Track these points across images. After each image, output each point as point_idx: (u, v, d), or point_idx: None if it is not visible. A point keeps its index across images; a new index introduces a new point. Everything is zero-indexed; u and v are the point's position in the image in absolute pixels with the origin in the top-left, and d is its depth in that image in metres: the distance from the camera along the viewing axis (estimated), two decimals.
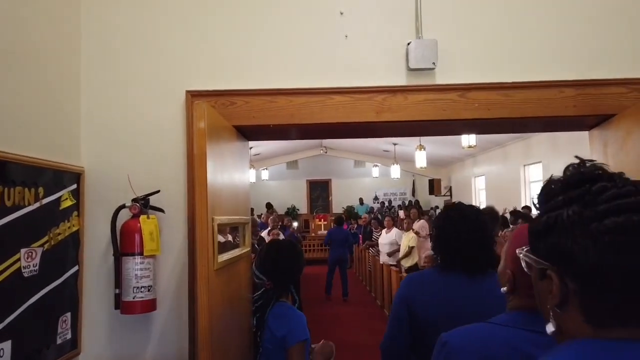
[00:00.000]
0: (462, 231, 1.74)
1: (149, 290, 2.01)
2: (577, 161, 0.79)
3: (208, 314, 1.60)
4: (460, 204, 1.93)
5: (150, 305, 2.02)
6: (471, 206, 1.90)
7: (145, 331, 2.11)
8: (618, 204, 0.68)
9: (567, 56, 2.18)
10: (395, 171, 13.78)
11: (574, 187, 0.74)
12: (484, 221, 1.79)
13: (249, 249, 2.29)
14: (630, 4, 2.18)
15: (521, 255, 0.80)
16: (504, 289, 1.14)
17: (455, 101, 2.17)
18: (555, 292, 0.73)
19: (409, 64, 2.17)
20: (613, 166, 2.19)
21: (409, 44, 2.18)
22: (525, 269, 0.81)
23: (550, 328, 0.76)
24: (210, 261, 1.65)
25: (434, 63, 2.15)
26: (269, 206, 14.72)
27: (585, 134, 2.43)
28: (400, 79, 2.20)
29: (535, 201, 0.80)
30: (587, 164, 0.77)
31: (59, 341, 1.90)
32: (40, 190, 1.81)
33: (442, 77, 2.19)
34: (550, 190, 0.77)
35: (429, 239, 6.52)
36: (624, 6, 2.19)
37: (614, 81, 2.13)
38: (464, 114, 2.17)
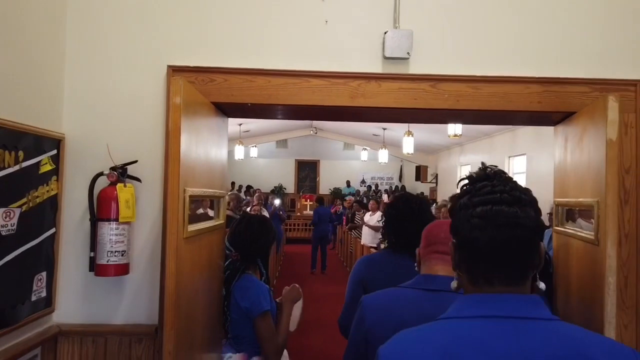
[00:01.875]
0: (406, 219, 2.01)
1: (122, 255, 2.10)
2: (489, 166, 1.02)
3: (175, 280, 1.71)
4: (405, 194, 2.26)
5: (123, 269, 2.12)
6: (416, 196, 2.21)
7: (117, 293, 2.22)
8: (486, 198, 0.93)
9: (535, 54, 2.27)
10: (384, 155, 13.88)
11: (470, 183, 1.00)
12: (425, 210, 2.06)
13: (222, 221, 2.38)
14: (595, 7, 2.28)
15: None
16: (415, 265, 1.50)
17: (427, 91, 2.26)
18: (454, 258, 1.00)
19: (385, 52, 2.25)
20: (571, 161, 2.32)
21: (385, 33, 2.26)
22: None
23: (453, 285, 1.04)
24: (180, 230, 1.75)
25: (408, 53, 2.24)
26: (248, 188, 14.72)
27: None
28: (375, 67, 2.29)
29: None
30: (488, 168, 1.00)
31: (33, 298, 2.00)
32: (21, 153, 1.88)
33: (415, 67, 2.28)
34: (459, 184, 1.03)
35: None
36: (589, 9, 2.28)
37: (577, 80, 2.24)
38: (434, 103, 2.27)
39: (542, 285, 1.00)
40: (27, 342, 1.96)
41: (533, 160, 9.46)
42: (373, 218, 8.52)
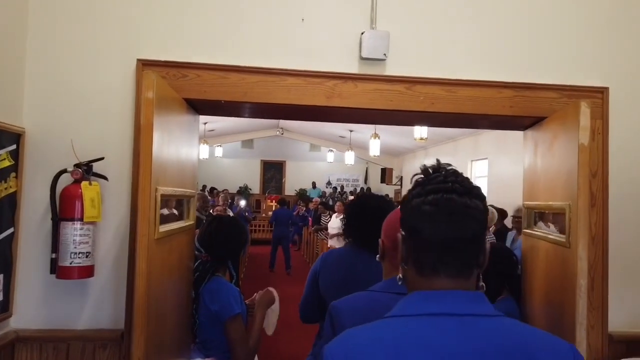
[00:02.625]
0: (365, 218, 2.06)
1: (86, 257, 2.00)
2: (442, 164, 1.03)
3: (146, 282, 1.63)
4: (365, 194, 2.30)
5: (87, 272, 2.01)
6: (374, 196, 2.32)
7: (80, 297, 2.11)
8: (438, 186, 0.94)
9: (507, 59, 2.31)
10: (350, 157, 13.96)
11: (423, 175, 1.00)
12: (383, 209, 2.04)
13: (192, 222, 2.31)
14: (566, 15, 2.34)
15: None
16: (378, 256, 1.44)
17: (402, 93, 2.26)
18: (401, 250, 0.99)
19: (362, 53, 2.24)
20: (541, 165, 2.37)
21: (362, 33, 2.24)
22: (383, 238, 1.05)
23: (398, 278, 1.06)
24: (152, 230, 1.68)
25: (384, 54, 2.23)
26: (212, 190, 14.48)
27: None
28: (352, 67, 2.27)
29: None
30: (441, 163, 1.02)
31: None
32: None
33: (391, 69, 2.28)
34: (416, 179, 1.03)
35: None
36: (561, 16, 2.34)
37: (547, 86, 2.29)
38: (409, 105, 2.27)
39: (481, 284, 1.01)
40: None
41: (494, 165, 9.71)
42: (339, 220, 8.55)
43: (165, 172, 1.85)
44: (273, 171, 18.53)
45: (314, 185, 18.01)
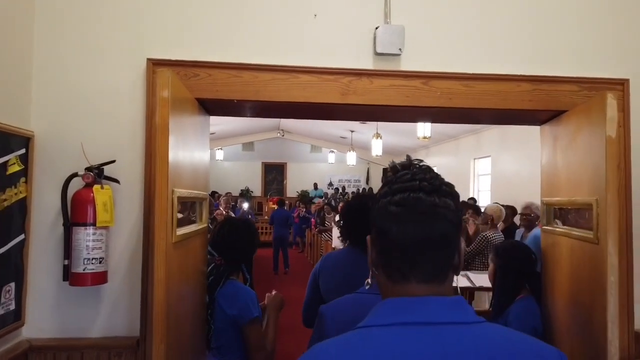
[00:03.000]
0: (360, 218, 1.96)
1: (100, 262, 1.94)
2: (415, 160, 0.97)
3: (165, 287, 1.57)
4: (358, 195, 2.30)
5: (101, 278, 1.95)
6: (369, 196, 2.41)
7: (94, 304, 2.05)
8: (405, 185, 0.87)
9: (525, 52, 2.26)
10: (351, 158, 13.92)
11: (393, 172, 0.94)
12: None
13: (205, 225, 2.25)
14: (584, 6, 2.28)
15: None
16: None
17: (419, 88, 2.21)
18: (370, 254, 0.94)
19: (376, 48, 2.18)
20: (562, 160, 2.31)
21: (377, 28, 2.19)
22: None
23: (368, 282, 1.04)
24: (169, 234, 1.62)
25: (400, 49, 2.18)
26: (213, 193, 14.40)
27: (530, 132, 2.55)
28: (366, 63, 2.21)
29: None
30: (413, 160, 0.95)
31: (1, 312, 1.81)
32: None
33: (407, 64, 2.22)
34: (387, 177, 0.96)
35: None
36: (578, 8, 2.29)
37: (567, 79, 2.23)
38: (426, 101, 2.21)
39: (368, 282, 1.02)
40: None
41: (498, 162, 9.67)
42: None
43: (181, 174, 1.80)
44: (274, 173, 18.47)
45: (315, 186, 17.95)
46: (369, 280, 1.00)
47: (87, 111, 2.09)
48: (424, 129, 8.20)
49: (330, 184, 18.41)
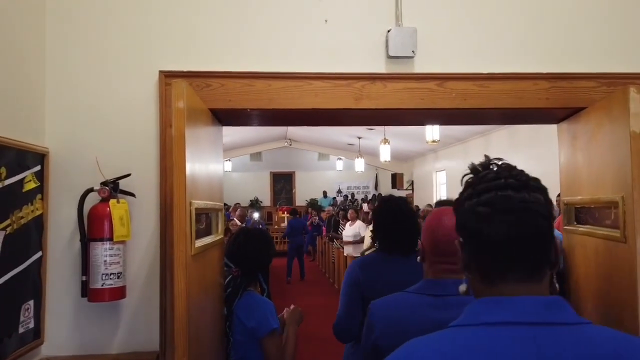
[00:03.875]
0: (397, 220, 2.10)
1: (118, 277, 1.92)
2: (494, 159, 0.95)
3: (186, 301, 1.55)
4: (391, 197, 2.36)
5: (119, 293, 1.93)
6: (401, 198, 2.32)
7: (113, 320, 2.03)
8: (490, 184, 0.86)
9: (541, 49, 2.22)
10: (360, 164, 13.87)
11: (473, 174, 0.93)
12: (411, 210, 2.18)
13: (222, 236, 2.23)
14: (602, 2, 2.25)
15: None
16: (418, 258, 1.43)
17: (433, 90, 2.18)
18: (462, 258, 0.91)
19: (389, 51, 2.16)
20: (583, 158, 2.26)
21: (389, 31, 2.17)
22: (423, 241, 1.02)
23: (462, 288, 0.98)
24: (188, 246, 1.60)
25: (413, 51, 2.15)
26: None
27: (539, 132, 2.51)
28: (379, 67, 2.19)
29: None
30: (492, 160, 0.93)
31: (21, 330, 1.79)
32: (3, 170, 1.69)
33: (420, 66, 2.19)
34: (463, 179, 0.95)
35: None
36: (594, 2, 2.25)
37: (584, 75, 2.20)
38: (441, 103, 2.18)
39: (462, 288, 0.98)
40: None
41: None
42: (353, 228, 8.42)
43: (197, 186, 1.78)
44: (283, 182, 18.46)
45: (324, 194, 17.91)
46: (463, 286, 0.97)
47: (101, 126, 2.08)
48: (432, 132, 8.15)
49: (339, 191, 18.36)
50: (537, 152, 7.84)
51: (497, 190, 0.85)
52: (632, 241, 1.75)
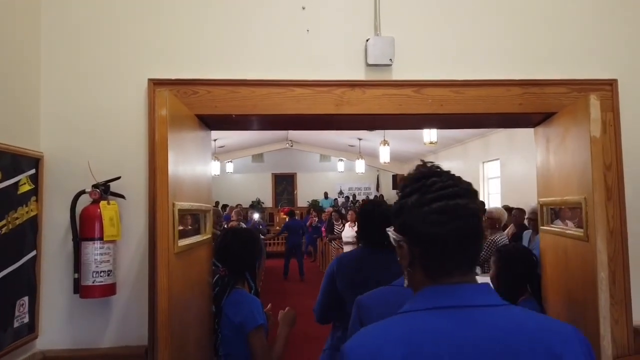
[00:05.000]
0: (373, 222, 2.30)
1: (108, 275, 2.03)
2: (427, 162, 1.08)
3: (167, 296, 1.65)
4: (373, 199, 2.62)
5: (109, 290, 2.04)
6: (378, 200, 2.70)
7: (104, 316, 2.13)
8: (440, 194, 0.98)
9: (514, 56, 2.32)
10: (360, 166, 13.95)
11: (416, 181, 1.03)
12: (388, 210, 2.29)
13: (209, 236, 2.33)
14: (571, 9, 2.34)
15: (389, 231, 1.09)
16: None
17: (411, 97, 2.28)
18: (405, 256, 1.03)
19: (368, 59, 2.26)
20: (554, 161, 2.35)
21: (367, 40, 2.27)
22: (393, 242, 1.10)
23: (405, 282, 1.09)
24: (171, 245, 1.70)
25: (390, 59, 2.25)
26: (224, 207, 14.54)
27: None
28: (359, 74, 2.29)
29: (398, 190, 1.11)
30: (428, 165, 1.06)
31: (16, 325, 1.90)
32: None
33: (398, 73, 2.29)
34: (402, 184, 1.07)
35: None
36: (565, 11, 2.35)
37: (555, 81, 2.29)
38: (419, 108, 2.28)
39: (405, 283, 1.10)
40: None
41: (506, 165, 9.65)
42: (353, 229, 8.52)
43: (182, 188, 1.88)
44: (284, 184, 18.58)
45: (325, 195, 18.01)
46: (405, 281, 1.09)
47: (93, 131, 2.19)
48: (429, 134, 8.24)
49: (341, 193, 18.45)
50: (535, 154, 7.91)
51: (447, 200, 0.97)
52: (593, 240, 1.84)
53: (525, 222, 6.14)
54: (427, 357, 0.87)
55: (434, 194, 0.98)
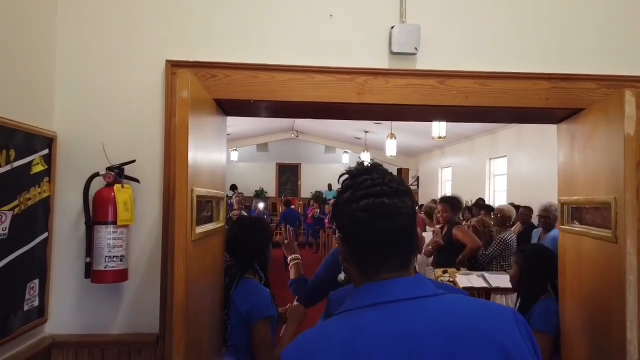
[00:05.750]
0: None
1: (121, 260, 1.98)
2: (369, 161, 1.09)
3: (184, 285, 1.60)
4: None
5: (122, 275, 2.00)
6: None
7: (115, 301, 2.09)
8: (367, 192, 0.98)
9: (543, 49, 2.25)
10: (365, 158, 13.89)
11: (351, 178, 1.04)
12: None
13: (223, 223, 2.28)
14: (604, 4, 2.26)
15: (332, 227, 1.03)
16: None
17: (435, 87, 2.21)
18: (342, 251, 1.05)
19: (392, 47, 2.19)
20: (580, 159, 2.28)
21: (392, 27, 2.20)
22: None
23: (340, 277, 1.18)
24: (189, 232, 1.65)
25: (416, 48, 2.18)
26: (233, 187, 14.63)
27: (546, 131, 2.53)
28: (382, 62, 2.22)
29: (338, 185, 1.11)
30: (367, 162, 1.08)
31: (26, 308, 1.86)
32: (12, 152, 1.75)
33: (422, 63, 2.23)
34: (340, 179, 1.08)
35: None
36: (597, 5, 2.27)
37: (585, 76, 2.22)
38: (442, 100, 2.21)
39: (341, 276, 1.14)
40: (18, 355, 1.83)
41: (514, 162, 9.57)
42: None
43: (199, 174, 1.82)
44: (288, 174, 18.52)
45: (329, 187, 17.94)
46: (342, 275, 1.15)
47: (108, 112, 2.13)
48: (439, 128, 8.15)
49: None
50: (542, 152, 7.84)
51: (374, 197, 0.97)
52: (622, 241, 1.78)
53: (534, 220, 6.10)
54: (360, 357, 0.87)
55: (362, 192, 0.99)
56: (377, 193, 0.98)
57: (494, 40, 2.25)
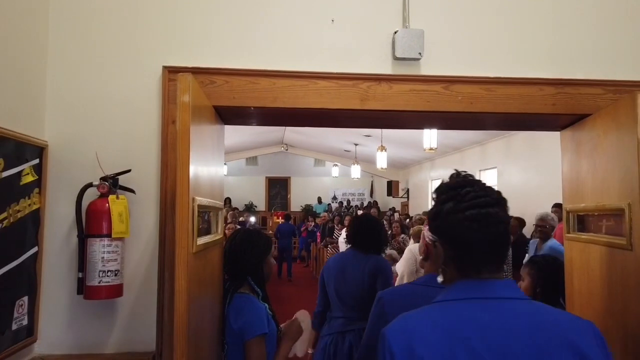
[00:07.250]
0: (361, 229, 3.05)
1: (115, 275, 1.88)
2: (461, 172, 1.22)
3: (186, 299, 1.51)
4: (364, 214, 3.93)
5: (116, 291, 1.89)
6: (368, 214, 3.96)
7: (109, 319, 1.98)
8: (473, 202, 1.10)
9: (548, 55, 2.22)
10: (356, 171, 13.86)
11: (452, 189, 1.15)
12: (372, 221, 3.15)
13: (221, 235, 2.19)
14: (609, 9, 2.25)
15: (425, 232, 1.36)
16: (420, 256, 1.77)
17: (440, 93, 2.16)
18: (440, 255, 1.21)
19: (395, 53, 2.14)
20: (587, 165, 2.23)
21: (395, 32, 2.15)
22: (429, 242, 1.33)
23: (439, 279, 1.27)
24: (190, 243, 1.56)
25: (420, 53, 2.14)
26: (227, 201, 14.50)
27: (536, 142, 2.50)
28: (385, 68, 2.17)
29: (434, 196, 1.23)
30: (461, 174, 1.20)
31: (14, 327, 1.75)
32: (1, 162, 1.65)
33: (427, 68, 2.18)
34: (439, 191, 1.19)
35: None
36: (601, 10, 2.25)
37: (591, 82, 2.19)
38: (447, 106, 2.17)
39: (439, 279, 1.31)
40: None
41: (504, 173, 9.59)
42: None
43: (199, 183, 1.74)
44: (278, 187, 18.41)
45: (319, 200, 17.88)
46: (440, 277, 1.26)
47: (102, 120, 2.04)
48: (430, 139, 8.14)
49: (334, 198, 18.33)
50: (534, 163, 7.86)
51: (479, 208, 1.09)
52: (638, 248, 1.73)
53: (525, 231, 6.06)
54: (460, 341, 0.99)
55: (468, 203, 1.10)
56: (482, 204, 1.09)
57: (499, 45, 2.21)
